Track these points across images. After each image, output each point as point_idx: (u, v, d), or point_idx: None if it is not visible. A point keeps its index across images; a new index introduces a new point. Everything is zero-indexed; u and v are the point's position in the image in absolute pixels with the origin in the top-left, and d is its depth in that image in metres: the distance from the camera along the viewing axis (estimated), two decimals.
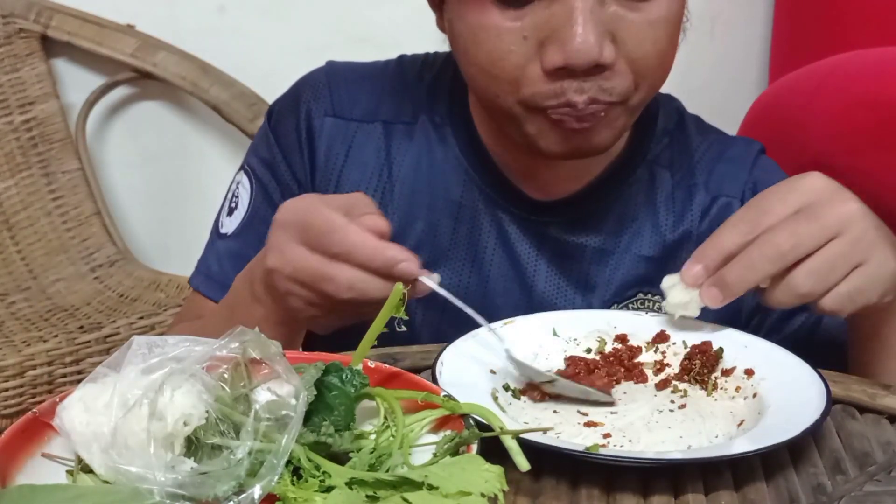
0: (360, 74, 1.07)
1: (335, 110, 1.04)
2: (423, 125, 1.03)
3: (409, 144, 1.02)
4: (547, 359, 0.84)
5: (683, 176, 1.03)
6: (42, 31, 1.95)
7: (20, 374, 1.58)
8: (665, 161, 1.03)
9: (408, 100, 1.04)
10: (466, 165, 1.01)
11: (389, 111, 1.04)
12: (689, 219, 1.02)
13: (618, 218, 1.01)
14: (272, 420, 0.60)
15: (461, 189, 1.01)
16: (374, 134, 1.03)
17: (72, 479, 0.61)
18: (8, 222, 1.91)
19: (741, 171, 1.03)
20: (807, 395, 0.75)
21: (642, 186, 1.02)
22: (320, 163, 1.03)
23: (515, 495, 0.67)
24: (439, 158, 1.02)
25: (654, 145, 1.03)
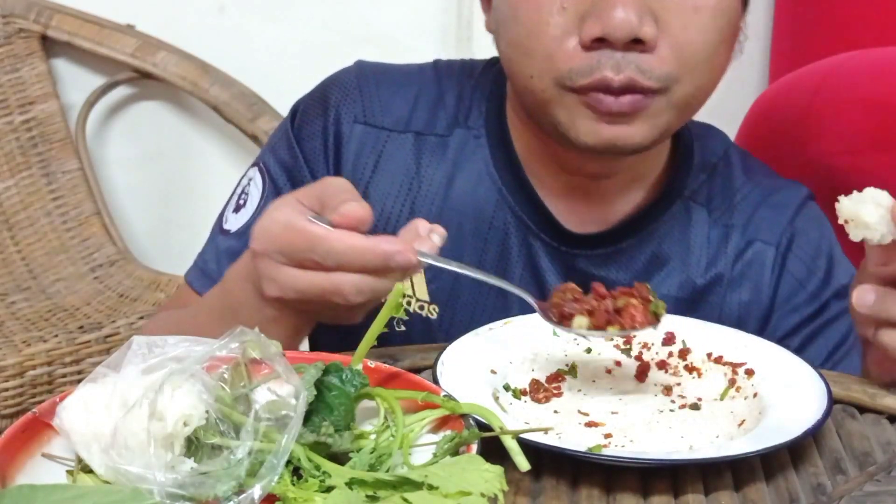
0: (392, 79, 1.03)
1: (366, 117, 1.00)
2: (458, 138, 0.99)
3: (441, 158, 0.99)
4: (547, 359, 0.84)
5: (721, 215, 1.00)
6: (42, 31, 1.95)
7: (20, 374, 1.58)
8: (702, 198, 1.00)
9: (442, 110, 1.00)
10: (500, 185, 0.98)
11: (422, 121, 1.00)
12: (722, 262, 0.99)
13: (649, 256, 0.98)
14: (272, 420, 0.60)
15: (493, 209, 0.98)
16: (405, 145, 0.99)
17: (72, 479, 0.61)
18: (8, 222, 1.91)
19: (782, 218, 1.00)
20: (807, 395, 0.75)
21: (677, 223, 0.99)
22: (347, 171, 0.98)
23: (515, 495, 0.67)
24: (473, 176, 0.98)
25: (691, 181, 1.00)
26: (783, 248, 0.99)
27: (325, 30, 2.01)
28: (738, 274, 0.99)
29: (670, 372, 0.84)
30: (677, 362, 0.84)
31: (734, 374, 0.82)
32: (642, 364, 0.84)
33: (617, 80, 0.83)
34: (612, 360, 0.85)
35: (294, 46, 2.02)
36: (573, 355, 0.85)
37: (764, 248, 0.99)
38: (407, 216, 0.98)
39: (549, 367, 0.83)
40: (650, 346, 0.86)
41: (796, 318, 0.99)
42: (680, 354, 0.85)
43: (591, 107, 0.85)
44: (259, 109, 1.92)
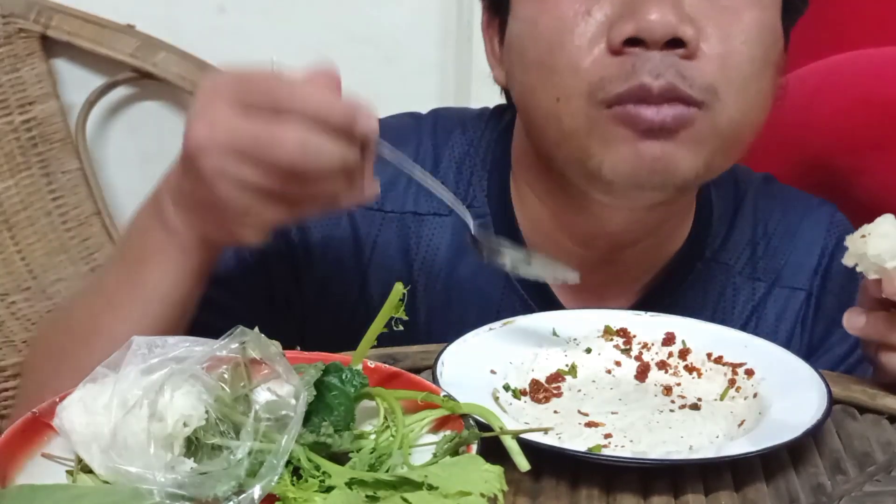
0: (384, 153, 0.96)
1: None
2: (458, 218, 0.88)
3: (442, 239, 0.91)
4: (547, 359, 0.84)
5: (744, 268, 0.94)
6: (42, 31, 1.95)
7: (20, 374, 1.57)
8: (725, 256, 0.94)
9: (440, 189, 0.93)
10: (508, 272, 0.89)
11: (422, 201, 0.91)
12: (753, 322, 0.94)
13: None
14: (272, 420, 0.60)
15: (500, 295, 0.91)
16: (402, 224, 0.91)
17: (72, 479, 0.61)
18: (8, 222, 1.91)
19: (809, 260, 0.93)
20: (807, 395, 0.75)
21: (699, 289, 0.93)
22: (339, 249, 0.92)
23: (515, 495, 0.67)
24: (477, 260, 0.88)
25: (711, 239, 0.93)
26: (816, 289, 0.94)
27: (325, 30, 2.01)
28: (772, 329, 0.94)
29: (670, 372, 0.84)
30: (677, 362, 0.84)
31: (734, 374, 0.82)
32: (642, 364, 0.84)
33: (656, 84, 0.73)
34: (612, 360, 0.85)
35: (294, 46, 2.02)
36: (573, 355, 0.85)
37: (794, 294, 0.94)
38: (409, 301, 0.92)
39: (549, 367, 0.83)
40: (650, 346, 0.86)
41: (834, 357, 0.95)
42: (680, 354, 0.85)
43: (627, 123, 0.75)
44: None
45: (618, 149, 0.77)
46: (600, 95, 0.76)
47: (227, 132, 0.64)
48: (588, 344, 0.86)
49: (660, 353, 0.85)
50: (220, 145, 0.65)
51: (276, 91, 0.65)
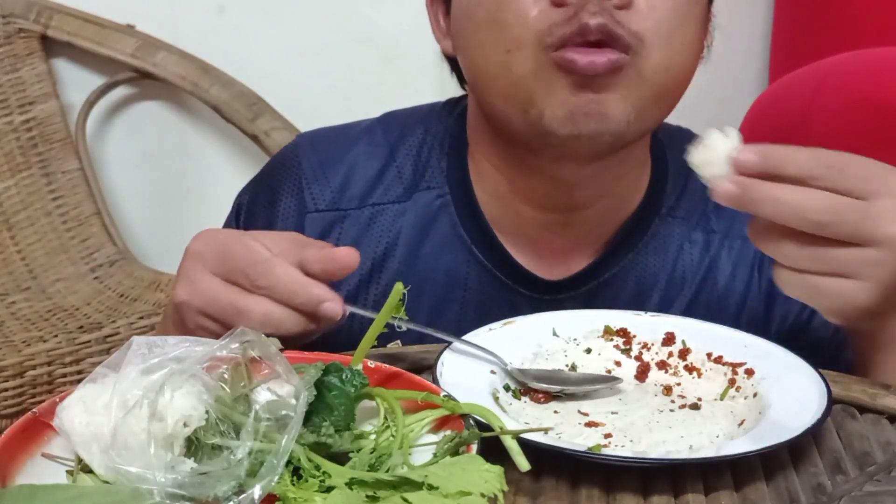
0: (337, 153, 0.99)
1: (316, 204, 0.97)
2: (419, 202, 0.97)
3: (403, 224, 0.96)
4: (547, 359, 0.84)
5: (699, 222, 0.98)
6: (42, 31, 1.95)
7: (20, 374, 1.58)
8: (681, 211, 0.98)
9: (397, 175, 0.97)
10: (470, 244, 0.95)
11: (378, 192, 0.97)
12: (711, 274, 0.97)
13: (635, 283, 0.96)
14: (272, 420, 0.60)
15: (466, 269, 0.95)
16: (362, 218, 0.96)
17: (72, 479, 0.61)
18: (8, 222, 1.91)
19: None
20: (807, 395, 0.75)
21: (658, 244, 0.97)
22: None
23: (515, 495, 0.67)
24: (440, 238, 0.96)
25: (667, 197, 0.97)
26: None
27: (325, 30, 2.02)
28: (729, 279, 0.97)
29: (670, 372, 0.84)
30: (677, 362, 0.84)
31: (734, 374, 0.82)
32: (642, 364, 0.85)
33: (593, 22, 0.80)
34: (612, 360, 0.85)
35: (294, 46, 2.02)
36: (573, 355, 0.85)
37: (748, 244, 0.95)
38: (375, 291, 0.96)
39: (548, 367, 0.83)
40: (650, 346, 0.86)
41: None
42: (680, 354, 0.85)
43: (566, 69, 0.82)
44: (259, 109, 1.92)
45: (556, 94, 0.83)
46: (548, 41, 0.82)
47: (205, 297, 0.77)
48: (588, 344, 0.86)
49: (660, 352, 0.85)
50: (199, 307, 0.78)
51: (251, 269, 0.75)
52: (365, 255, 0.95)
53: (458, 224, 0.96)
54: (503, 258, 0.95)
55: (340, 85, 2.02)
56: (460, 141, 0.98)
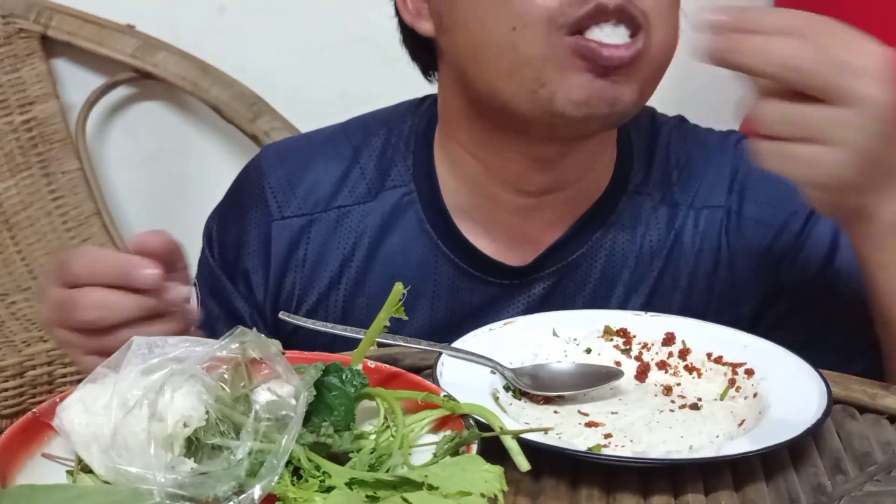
0: (300, 160, 1.00)
1: (282, 211, 0.98)
2: (384, 200, 0.97)
3: (369, 223, 0.97)
4: (547, 359, 0.84)
5: (664, 197, 0.97)
6: (42, 31, 1.95)
7: (20, 374, 1.58)
8: (647, 188, 0.98)
9: (360, 177, 0.98)
10: (437, 239, 0.96)
11: (343, 194, 0.98)
12: (678, 247, 0.97)
13: (604, 262, 0.96)
14: (272, 420, 0.60)
15: (434, 263, 0.96)
16: (330, 222, 0.97)
17: (72, 479, 0.61)
18: (8, 222, 1.91)
19: (722, 176, 0.97)
20: (807, 395, 0.75)
21: (626, 222, 0.97)
22: (280, 270, 0.98)
23: (515, 495, 0.67)
24: (406, 234, 0.96)
25: (634, 175, 0.97)
26: (735, 204, 0.96)
27: (324, 30, 2.02)
28: (696, 250, 0.97)
29: (670, 372, 0.84)
30: (677, 362, 0.84)
31: (734, 374, 0.82)
32: (642, 364, 0.85)
33: (612, 3, 0.79)
34: (612, 361, 0.85)
35: (294, 46, 2.02)
36: (573, 355, 0.85)
37: (713, 213, 0.97)
38: (352, 288, 0.97)
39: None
40: (650, 346, 0.86)
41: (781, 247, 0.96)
42: (680, 354, 0.85)
43: (587, 57, 0.80)
44: (259, 109, 1.92)
45: (573, 79, 0.81)
46: (560, 20, 0.80)
47: (48, 305, 0.79)
48: (588, 344, 0.86)
49: (660, 353, 0.85)
50: (47, 319, 0.80)
51: (76, 264, 0.77)
52: (333, 256, 0.97)
53: (423, 220, 0.96)
54: (468, 250, 0.96)
55: (340, 85, 2.02)
56: (427, 137, 0.98)
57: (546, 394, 0.79)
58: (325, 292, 0.98)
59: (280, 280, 0.98)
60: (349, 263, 0.97)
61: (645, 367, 0.84)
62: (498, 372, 0.79)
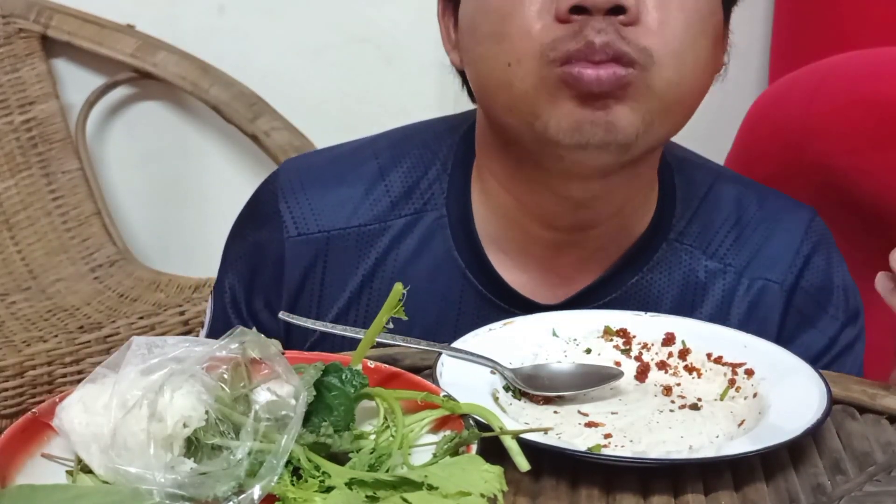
0: (321, 176, 0.96)
1: (298, 228, 0.94)
2: (409, 220, 0.94)
3: (392, 242, 0.94)
4: (547, 359, 0.84)
5: (715, 253, 0.96)
6: (42, 31, 1.95)
7: (20, 374, 1.58)
8: (690, 238, 0.96)
9: (385, 194, 0.95)
10: (464, 268, 0.93)
11: (364, 212, 0.94)
12: (721, 304, 0.95)
13: (637, 308, 0.92)
14: (272, 420, 0.60)
15: (459, 291, 0.93)
16: (349, 239, 0.94)
17: (72, 479, 0.61)
18: (8, 222, 1.91)
19: (786, 253, 0.96)
20: (807, 395, 0.75)
21: (664, 269, 0.94)
22: (295, 288, 0.95)
23: (515, 495, 0.67)
24: (431, 260, 0.94)
25: (675, 221, 0.95)
26: (789, 285, 0.96)
27: (324, 30, 2.02)
28: (742, 317, 0.95)
29: (670, 372, 0.84)
30: (677, 362, 0.84)
31: (734, 374, 0.82)
32: (642, 364, 0.85)
33: (598, 41, 0.79)
34: (612, 361, 0.85)
35: (294, 46, 2.02)
36: (573, 355, 0.85)
37: (767, 286, 0.96)
38: (364, 314, 0.94)
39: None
40: (650, 346, 0.86)
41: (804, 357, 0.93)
42: (680, 355, 0.85)
43: (573, 86, 0.80)
44: (259, 109, 1.92)
45: (562, 107, 0.81)
46: (552, 55, 0.81)
47: None
48: (588, 344, 0.86)
49: (660, 353, 0.85)
50: None
51: None
52: (353, 275, 0.94)
53: (452, 247, 0.94)
54: (497, 282, 0.93)
55: (340, 85, 2.02)
56: (466, 160, 0.96)
57: (546, 394, 0.79)
58: (344, 309, 0.95)
59: (296, 297, 0.95)
60: (370, 284, 0.94)
61: (645, 367, 0.84)
62: (498, 372, 0.79)
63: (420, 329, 0.86)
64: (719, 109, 1.90)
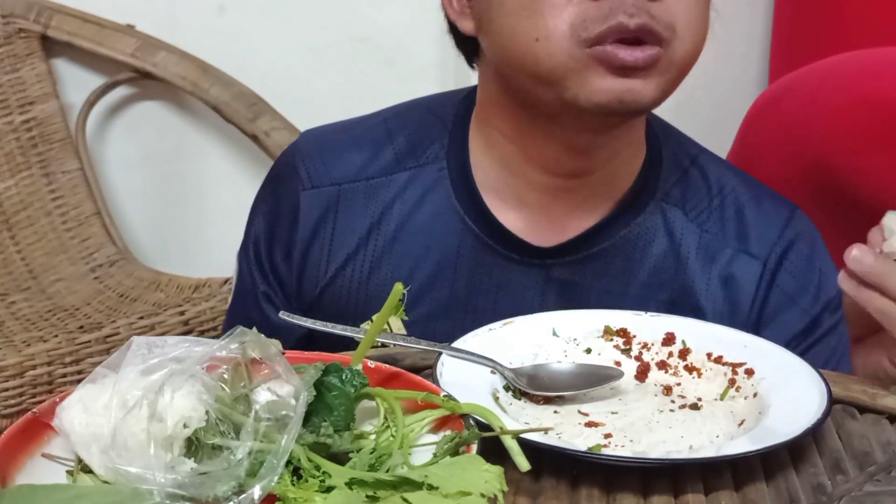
0: (334, 138, 1.04)
1: (311, 181, 1.01)
2: (412, 173, 1.00)
3: (396, 195, 1.00)
4: (547, 359, 0.84)
5: (697, 217, 1.00)
6: (42, 31, 1.95)
7: (20, 374, 1.57)
8: (676, 199, 1.00)
9: (391, 151, 1.01)
10: (462, 213, 0.99)
11: (371, 166, 1.01)
12: (701, 268, 0.98)
13: (624, 259, 0.98)
14: (272, 420, 0.60)
15: (458, 239, 0.99)
16: (358, 193, 1.01)
17: (72, 479, 0.61)
18: (8, 222, 1.91)
19: (771, 231, 1.00)
20: (807, 395, 0.75)
21: (650, 225, 0.99)
22: (307, 238, 1.01)
23: (515, 495, 0.67)
24: (431, 206, 0.99)
25: (662, 182, 1.00)
26: (772, 263, 0.99)
27: (324, 30, 2.01)
28: (716, 284, 0.98)
29: (670, 372, 0.84)
30: (677, 362, 0.84)
31: (734, 374, 0.82)
32: (642, 364, 0.85)
33: (633, 22, 0.83)
34: (612, 361, 0.85)
35: (294, 46, 2.02)
36: (573, 355, 0.85)
37: (749, 262, 0.99)
38: (374, 258, 0.99)
39: None
40: (650, 346, 0.86)
41: (787, 334, 0.98)
42: (680, 354, 0.85)
43: (605, 62, 0.85)
44: (259, 109, 1.91)
45: (595, 80, 0.86)
46: (583, 35, 0.84)
47: None
48: (588, 344, 0.86)
49: (660, 353, 0.85)
50: None
51: None
52: (361, 224, 1.00)
53: (452, 196, 0.99)
54: (494, 226, 0.98)
55: (340, 85, 2.02)
56: (465, 119, 1.01)
57: (546, 394, 0.79)
58: (353, 254, 1.00)
59: (309, 245, 1.01)
60: (377, 231, 1.00)
61: (645, 367, 0.84)
62: (498, 372, 0.79)
63: (422, 274, 0.96)
64: (719, 109, 1.90)
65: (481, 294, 0.98)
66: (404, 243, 0.99)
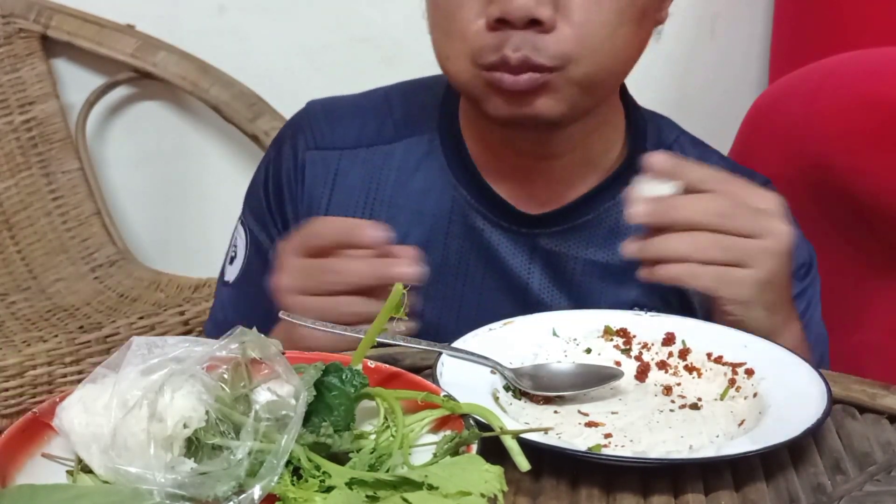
0: (340, 105, 1.10)
1: (316, 142, 1.06)
2: (408, 143, 1.05)
3: (392, 163, 1.05)
4: (547, 359, 0.84)
5: None
6: (42, 31, 1.95)
7: (20, 374, 1.58)
8: None
9: (390, 121, 1.06)
10: (454, 181, 1.03)
11: (371, 135, 1.06)
12: None
13: (607, 230, 1.02)
14: (272, 420, 0.60)
15: (450, 204, 1.03)
16: (357, 159, 1.05)
17: (72, 479, 0.61)
18: (8, 222, 1.91)
19: None
20: (807, 395, 0.75)
21: None
22: (307, 196, 1.05)
23: (515, 495, 0.67)
24: (425, 175, 1.04)
25: None
26: None
27: (324, 30, 2.02)
28: None
29: (670, 372, 0.84)
30: (677, 362, 0.84)
31: (734, 374, 0.82)
32: (642, 364, 0.85)
33: (514, 57, 0.87)
34: (612, 361, 0.85)
35: (294, 46, 2.02)
36: (573, 355, 0.85)
37: None
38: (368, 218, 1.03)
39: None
40: (650, 346, 0.86)
41: None
42: (680, 354, 0.85)
43: (493, 87, 0.90)
44: (259, 109, 1.91)
45: (491, 98, 0.92)
46: (479, 60, 0.90)
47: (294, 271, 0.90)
48: (588, 344, 0.86)
49: (660, 353, 0.85)
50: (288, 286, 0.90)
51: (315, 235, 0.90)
52: (358, 190, 1.05)
53: (444, 165, 1.03)
54: (485, 193, 1.02)
55: (340, 85, 2.00)
56: (456, 96, 1.05)
57: (546, 394, 0.79)
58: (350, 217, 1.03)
59: (309, 207, 1.05)
60: (373, 195, 1.04)
61: (645, 366, 0.84)
62: (498, 372, 0.79)
63: (415, 238, 1.00)
64: (719, 109, 1.90)
65: (472, 259, 1.02)
66: (399, 208, 1.03)
